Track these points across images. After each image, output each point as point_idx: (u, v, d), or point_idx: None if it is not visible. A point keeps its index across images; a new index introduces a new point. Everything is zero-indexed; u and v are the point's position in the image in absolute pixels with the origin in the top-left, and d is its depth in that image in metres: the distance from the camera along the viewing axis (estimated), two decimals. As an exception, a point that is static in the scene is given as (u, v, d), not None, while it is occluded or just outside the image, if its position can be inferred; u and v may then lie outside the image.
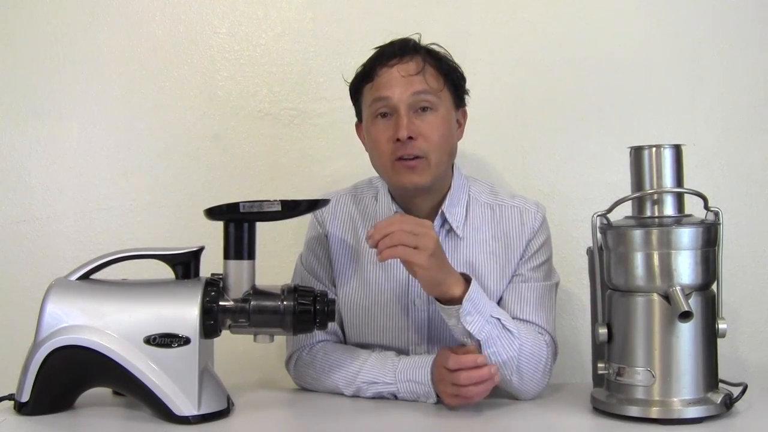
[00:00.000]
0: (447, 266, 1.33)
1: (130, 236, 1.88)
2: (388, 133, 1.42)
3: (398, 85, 1.41)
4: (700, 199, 1.29)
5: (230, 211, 1.28)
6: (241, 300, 1.30)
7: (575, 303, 1.85)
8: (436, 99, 1.43)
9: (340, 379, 1.44)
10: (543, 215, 1.51)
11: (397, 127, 1.40)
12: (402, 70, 1.42)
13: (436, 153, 1.42)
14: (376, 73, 1.44)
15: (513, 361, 1.34)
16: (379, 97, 1.43)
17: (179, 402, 1.25)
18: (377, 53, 1.47)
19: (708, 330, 1.27)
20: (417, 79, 1.42)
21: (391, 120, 1.42)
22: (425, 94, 1.42)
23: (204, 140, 1.89)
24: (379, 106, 1.43)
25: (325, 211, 1.56)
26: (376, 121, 1.44)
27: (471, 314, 1.31)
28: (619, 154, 1.37)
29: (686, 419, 1.23)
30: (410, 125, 1.40)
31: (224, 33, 1.90)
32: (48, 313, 1.27)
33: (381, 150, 1.44)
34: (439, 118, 1.43)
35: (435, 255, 1.29)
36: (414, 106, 1.42)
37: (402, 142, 1.40)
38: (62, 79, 1.89)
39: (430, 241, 1.29)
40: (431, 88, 1.42)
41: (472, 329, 1.31)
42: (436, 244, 1.30)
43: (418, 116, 1.42)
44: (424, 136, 1.41)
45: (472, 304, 1.31)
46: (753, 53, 1.88)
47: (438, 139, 1.42)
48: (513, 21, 1.88)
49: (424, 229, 1.30)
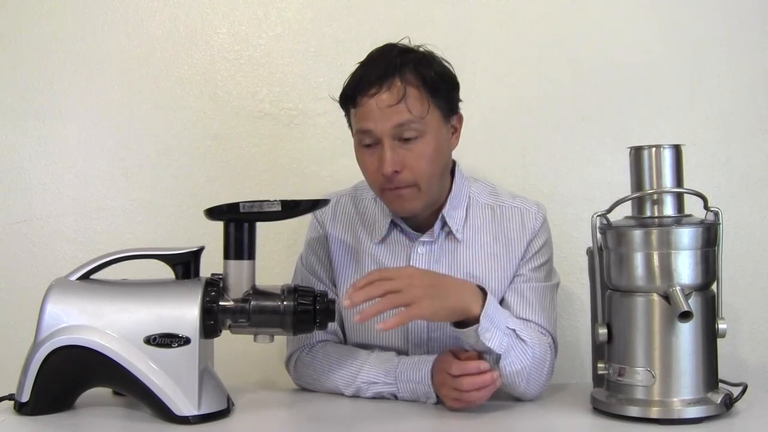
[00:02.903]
0: (453, 290, 1.29)
1: (130, 236, 1.88)
2: (375, 164, 1.39)
3: (380, 117, 1.36)
4: (700, 199, 1.29)
5: (230, 211, 1.28)
6: (241, 300, 1.30)
7: (575, 303, 1.85)
8: (421, 125, 1.37)
9: (340, 379, 1.44)
10: (544, 216, 1.51)
11: (381, 161, 1.37)
12: (381, 102, 1.35)
13: (425, 179, 1.39)
14: (357, 101, 1.39)
15: (525, 370, 1.34)
16: (362, 129, 1.39)
17: (179, 402, 1.25)
18: (358, 76, 1.40)
19: (708, 330, 1.27)
20: (399, 108, 1.35)
21: (377, 150, 1.38)
22: (408, 124, 1.36)
23: (204, 140, 1.89)
24: (362, 137, 1.40)
25: (326, 211, 1.56)
26: (363, 150, 1.42)
27: (489, 330, 1.28)
28: (619, 154, 1.37)
29: (686, 419, 1.23)
30: (394, 158, 1.36)
31: (224, 33, 1.90)
32: (48, 313, 1.27)
33: (370, 176, 1.43)
34: (425, 144, 1.38)
35: (431, 295, 1.25)
36: (398, 136, 1.37)
37: (388, 176, 1.37)
38: (62, 79, 1.89)
39: (417, 289, 1.24)
40: (414, 117, 1.36)
41: (492, 345, 1.29)
42: (424, 286, 1.26)
43: (403, 146, 1.37)
44: (410, 167, 1.37)
45: (489, 319, 1.29)
46: (753, 53, 1.88)
47: (426, 166, 1.38)
48: (513, 21, 1.88)
49: (403, 280, 1.25)
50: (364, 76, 1.39)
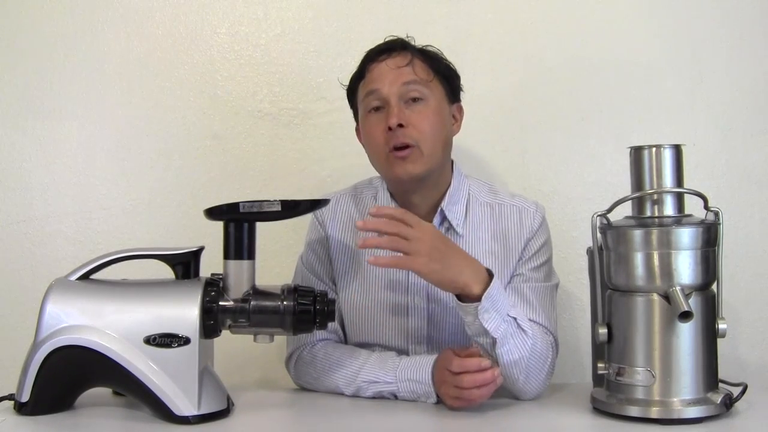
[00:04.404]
0: (456, 263, 1.31)
1: (130, 236, 1.88)
2: (381, 125, 1.44)
3: (388, 77, 1.45)
4: (700, 199, 1.29)
5: (230, 211, 1.28)
6: (241, 300, 1.30)
7: (575, 303, 1.85)
8: (426, 89, 1.45)
9: (341, 379, 1.44)
10: (542, 215, 1.51)
11: (388, 116, 1.43)
12: (391, 64, 1.46)
13: (427, 142, 1.43)
14: (367, 69, 1.49)
15: (523, 361, 1.34)
16: (371, 90, 1.46)
17: (179, 402, 1.25)
18: (367, 53, 1.51)
19: (708, 330, 1.27)
20: (406, 70, 1.45)
21: (383, 113, 1.45)
22: (414, 84, 1.44)
23: (204, 140, 1.89)
24: (371, 100, 1.46)
25: (326, 211, 1.56)
26: (370, 115, 1.47)
27: (489, 312, 1.30)
28: (619, 154, 1.37)
29: (686, 419, 1.23)
30: (400, 113, 1.43)
31: (224, 33, 1.90)
32: (48, 313, 1.27)
33: (375, 142, 1.45)
34: (429, 108, 1.45)
35: (432, 257, 1.29)
36: (404, 97, 1.44)
37: (393, 131, 1.42)
38: (62, 79, 1.89)
39: (423, 245, 1.29)
40: (420, 79, 1.45)
41: (488, 326, 1.30)
42: (431, 246, 1.30)
43: (409, 106, 1.45)
44: (414, 125, 1.43)
45: (491, 301, 1.30)
46: (753, 53, 1.88)
47: (429, 128, 1.43)
48: (513, 21, 1.88)
49: (416, 232, 1.30)
50: (373, 49, 1.50)
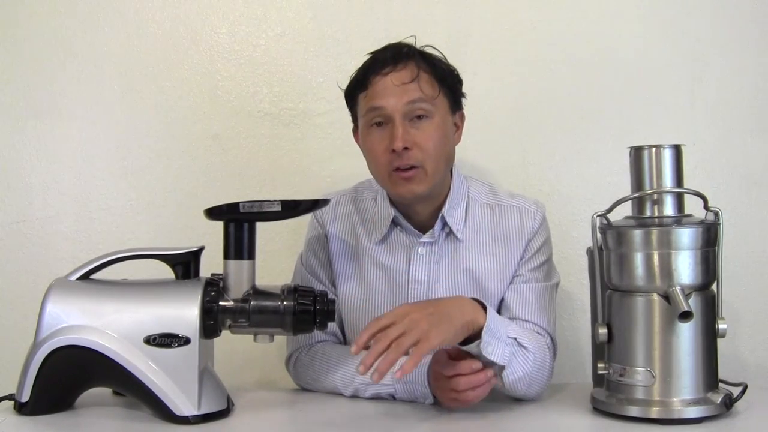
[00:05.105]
0: (452, 310, 1.26)
1: (130, 236, 1.88)
2: (384, 143, 1.40)
3: (392, 94, 1.39)
4: (700, 199, 1.29)
5: (230, 211, 1.28)
6: (241, 300, 1.30)
7: (575, 303, 1.85)
8: (431, 106, 1.40)
9: (339, 380, 1.44)
10: (543, 215, 1.51)
11: (392, 137, 1.38)
12: (396, 79, 1.39)
13: (432, 162, 1.40)
14: (369, 81, 1.42)
15: (527, 376, 1.34)
16: (374, 106, 1.41)
17: (179, 402, 1.25)
18: (370, 60, 1.44)
19: (708, 330, 1.27)
20: (411, 87, 1.39)
21: (386, 130, 1.40)
22: (420, 102, 1.39)
23: (204, 140, 1.89)
24: (373, 116, 1.41)
25: (325, 211, 1.56)
26: (372, 130, 1.43)
27: (491, 344, 1.28)
28: (619, 154, 1.37)
29: (686, 419, 1.23)
30: (405, 135, 1.38)
31: (224, 33, 1.90)
32: (48, 313, 1.27)
33: (377, 161, 1.42)
34: (434, 126, 1.41)
35: (433, 323, 1.21)
36: (409, 115, 1.39)
37: (398, 153, 1.38)
38: (62, 79, 1.89)
39: (417, 323, 1.20)
40: (426, 96, 1.40)
41: (495, 358, 1.28)
42: (422, 317, 1.21)
43: (414, 125, 1.40)
44: (420, 146, 1.39)
45: (491, 333, 1.27)
46: (753, 53, 1.88)
47: (434, 148, 1.40)
48: (513, 21, 1.88)
49: (400, 321, 1.20)
50: (377, 58, 1.43)
